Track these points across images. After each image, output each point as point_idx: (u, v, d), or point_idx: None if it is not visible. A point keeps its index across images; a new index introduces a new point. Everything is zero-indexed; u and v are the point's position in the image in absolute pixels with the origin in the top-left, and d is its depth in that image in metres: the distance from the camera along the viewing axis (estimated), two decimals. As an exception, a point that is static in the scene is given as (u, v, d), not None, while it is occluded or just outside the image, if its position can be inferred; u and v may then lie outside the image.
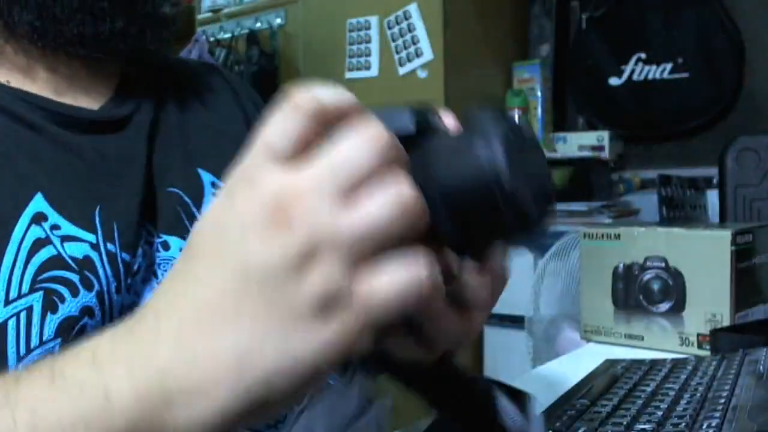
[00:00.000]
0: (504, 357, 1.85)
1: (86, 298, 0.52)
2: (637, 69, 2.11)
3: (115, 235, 0.55)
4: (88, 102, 0.60)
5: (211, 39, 2.56)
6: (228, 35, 2.53)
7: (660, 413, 0.55)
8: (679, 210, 1.70)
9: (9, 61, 0.58)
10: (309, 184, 0.30)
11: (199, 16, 2.63)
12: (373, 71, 2.17)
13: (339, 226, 0.29)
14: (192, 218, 0.61)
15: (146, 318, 0.32)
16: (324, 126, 0.31)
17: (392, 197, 0.30)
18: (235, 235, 0.30)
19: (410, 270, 0.30)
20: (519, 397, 0.39)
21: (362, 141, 0.30)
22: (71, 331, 0.51)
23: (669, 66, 2.06)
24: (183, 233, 0.60)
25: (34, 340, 0.50)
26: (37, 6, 0.55)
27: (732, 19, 1.99)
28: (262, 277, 0.30)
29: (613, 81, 2.14)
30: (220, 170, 0.64)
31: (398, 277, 0.30)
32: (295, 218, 0.29)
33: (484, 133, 0.32)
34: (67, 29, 0.56)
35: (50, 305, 0.50)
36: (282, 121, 0.31)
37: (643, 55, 2.10)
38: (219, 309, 0.30)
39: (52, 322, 0.50)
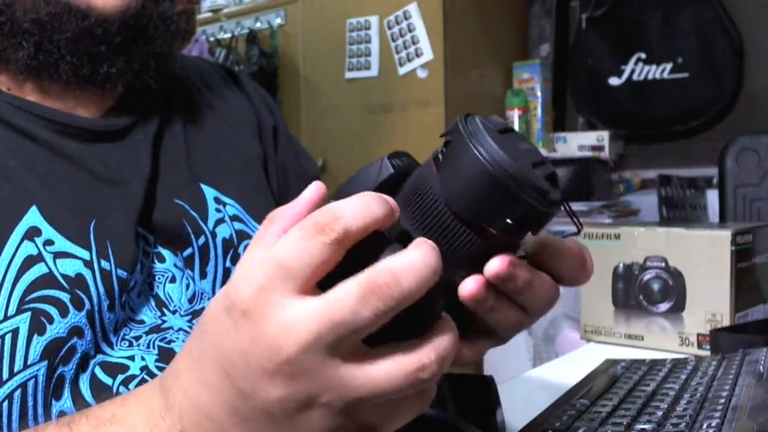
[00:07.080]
0: (504, 357, 1.85)
1: (76, 318, 0.50)
2: (637, 69, 2.11)
3: (109, 252, 0.53)
4: (89, 113, 0.58)
5: (211, 39, 2.56)
6: (228, 35, 2.53)
7: (660, 413, 0.55)
8: (679, 210, 1.70)
9: (10, 71, 0.56)
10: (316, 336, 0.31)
11: (199, 16, 2.63)
12: (373, 71, 2.17)
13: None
14: (199, 233, 0.59)
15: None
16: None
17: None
18: (244, 370, 0.33)
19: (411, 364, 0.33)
20: None
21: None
22: (59, 353, 0.49)
23: (669, 66, 2.06)
24: (184, 247, 0.58)
25: (18, 364, 0.47)
26: (33, 46, 0.53)
27: (732, 19, 1.99)
28: (263, 409, 0.33)
29: (613, 81, 2.14)
30: (222, 185, 0.63)
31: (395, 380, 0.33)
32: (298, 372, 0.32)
33: (474, 138, 0.33)
34: (63, 70, 0.54)
35: (38, 327, 0.48)
36: (304, 247, 0.31)
37: (643, 55, 2.10)
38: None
39: (39, 344, 0.48)
